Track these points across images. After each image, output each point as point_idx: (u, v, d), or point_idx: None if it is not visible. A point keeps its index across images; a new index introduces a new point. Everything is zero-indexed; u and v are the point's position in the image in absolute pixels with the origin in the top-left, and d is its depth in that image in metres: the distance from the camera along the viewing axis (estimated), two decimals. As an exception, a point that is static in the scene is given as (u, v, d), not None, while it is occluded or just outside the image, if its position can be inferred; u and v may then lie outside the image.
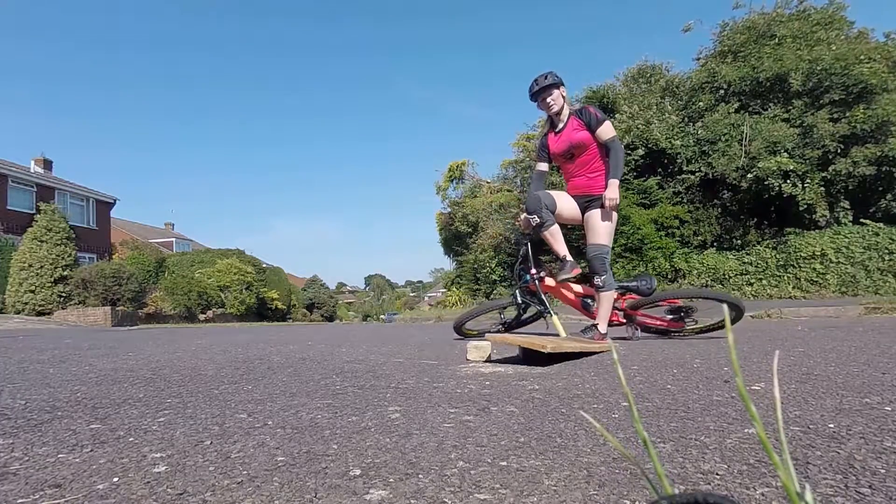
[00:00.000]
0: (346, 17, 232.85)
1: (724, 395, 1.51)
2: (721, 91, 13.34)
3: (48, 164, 24.10)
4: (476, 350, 2.51)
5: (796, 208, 11.69)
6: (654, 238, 12.64)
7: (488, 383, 1.86)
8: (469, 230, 18.01)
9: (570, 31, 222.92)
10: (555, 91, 3.21)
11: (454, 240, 20.27)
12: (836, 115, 11.51)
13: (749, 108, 12.77)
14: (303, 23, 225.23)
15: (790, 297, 10.79)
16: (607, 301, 3.21)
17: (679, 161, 13.03)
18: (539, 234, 3.24)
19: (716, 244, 13.17)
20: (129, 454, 1.04)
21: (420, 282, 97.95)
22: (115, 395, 1.75)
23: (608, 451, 1.00)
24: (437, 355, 2.88)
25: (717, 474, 0.87)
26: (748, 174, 11.83)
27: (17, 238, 17.58)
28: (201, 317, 20.56)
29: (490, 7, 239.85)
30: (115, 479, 0.89)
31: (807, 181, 11.41)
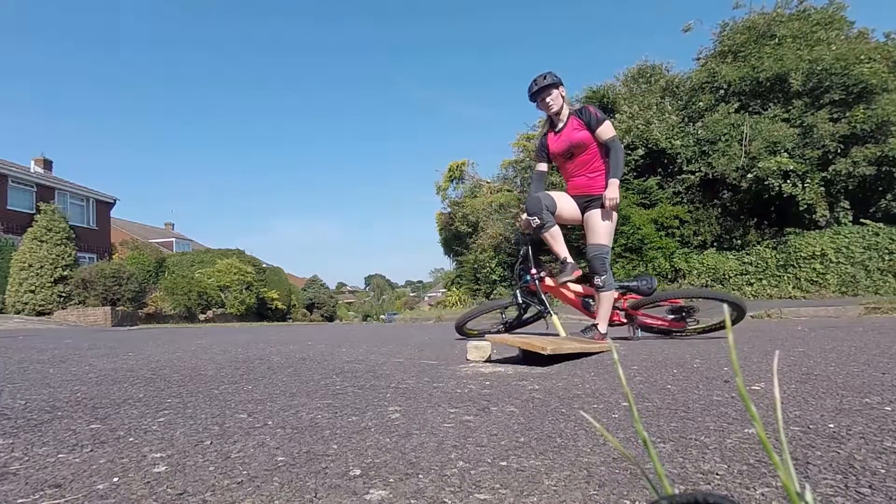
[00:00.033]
0: (346, 17, 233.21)
1: (724, 395, 1.51)
2: (721, 91, 13.34)
3: (48, 164, 24.11)
4: (476, 350, 2.51)
5: (796, 208, 11.69)
6: (654, 238, 12.64)
7: (488, 383, 1.86)
8: (469, 230, 18.01)
9: (570, 31, 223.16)
10: (554, 91, 3.20)
11: (454, 240, 20.27)
12: (836, 115, 11.51)
13: (749, 108, 12.77)
14: (303, 23, 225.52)
15: (790, 297, 10.79)
16: (607, 301, 3.21)
17: (679, 161, 13.03)
18: (539, 236, 3.24)
19: (716, 244, 13.17)
20: (129, 454, 1.04)
21: (420, 282, 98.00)
22: (115, 395, 1.75)
23: (608, 451, 1.00)
24: (437, 355, 2.88)
25: (717, 474, 0.87)
26: (748, 174, 11.83)
27: (17, 238, 17.58)
28: (201, 317, 20.57)
29: (490, 7, 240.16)
30: (115, 479, 0.89)
31: (807, 181, 11.41)
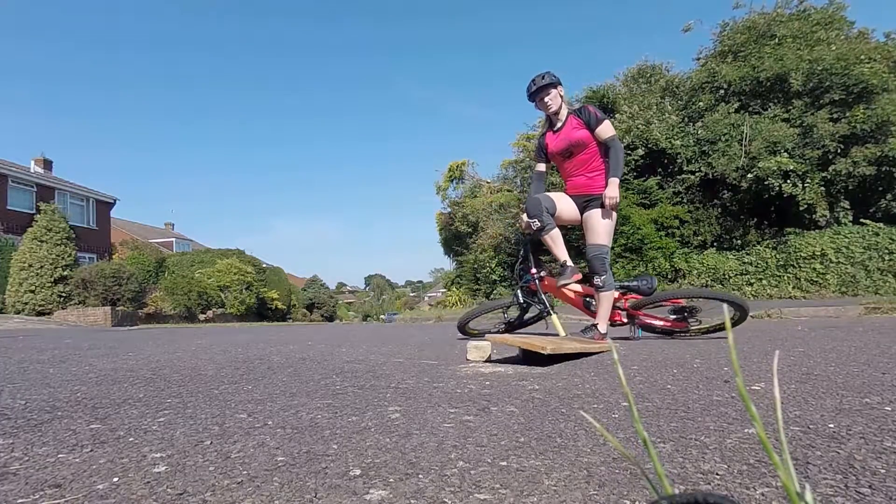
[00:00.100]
0: (346, 17, 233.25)
1: (724, 395, 1.51)
2: (721, 91, 13.34)
3: (48, 164, 24.12)
4: (476, 350, 2.51)
5: (796, 208, 11.69)
6: (654, 238, 12.64)
7: (488, 383, 1.86)
8: (469, 230, 18.01)
9: (570, 31, 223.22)
10: (552, 90, 3.20)
11: (454, 240, 20.28)
12: (836, 115, 11.51)
13: (749, 108, 12.77)
14: (303, 23, 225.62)
15: (790, 297, 10.79)
16: (607, 301, 3.20)
17: (679, 161, 13.03)
18: (539, 238, 3.23)
19: (716, 244, 13.17)
20: (129, 454, 1.04)
21: (420, 282, 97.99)
22: (115, 395, 1.75)
23: (608, 451, 1.00)
24: (437, 355, 2.88)
25: (717, 474, 0.87)
26: (748, 174, 11.83)
27: (17, 238, 17.58)
28: (201, 317, 20.56)
29: (490, 7, 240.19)
30: (115, 479, 0.89)
31: (807, 181, 11.41)
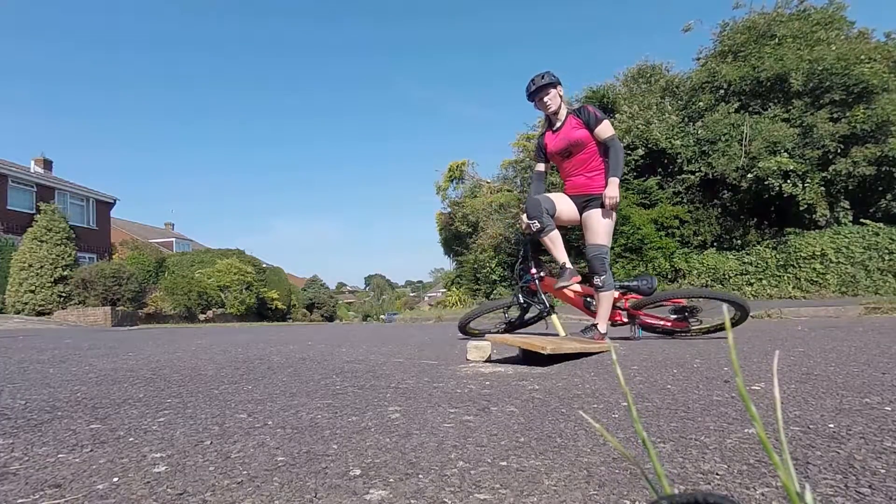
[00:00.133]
0: (346, 17, 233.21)
1: (724, 395, 1.51)
2: (721, 91, 13.34)
3: (48, 164, 24.12)
4: (476, 350, 2.51)
5: (796, 208, 11.69)
6: (654, 238, 12.64)
7: (488, 383, 1.86)
8: (469, 230, 18.01)
9: (570, 31, 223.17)
10: (552, 90, 3.20)
11: (454, 240, 20.28)
12: (836, 115, 11.51)
13: (749, 108, 12.77)
14: (303, 23, 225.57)
15: (790, 297, 10.79)
16: (607, 301, 3.20)
17: (679, 161, 13.03)
18: (538, 239, 3.23)
19: (716, 244, 13.17)
20: (129, 454, 1.04)
21: (420, 282, 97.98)
22: (115, 395, 1.75)
23: (608, 451, 1.00)
24: (437, 355, 2.88)
25: (717, 474, 0.87)
26: (748, 174, 11.83)
27: (17, 238, 17.58)
28: (201, 317, 20.56)
29: (490, 7, 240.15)
30: (115, 479, 0.89)
31: (807, 181, 11.41)
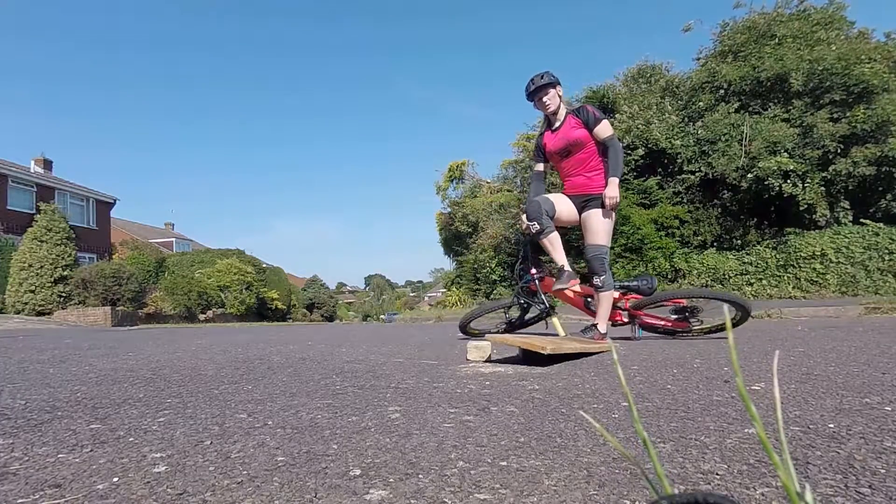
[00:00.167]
0: (346, 17, 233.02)
1: (724, 395, 1.51)
2: (721, 91, 13.33)
3: (48, 164, 24.12)
4: (476, 350, 2.51)
5: (796, 208, 11.69)
6: (654, 238, 12.64)
7: (488, 383, 1.86)
8: (469, 230, 18.01)
9: (570, 31, 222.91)
10: (551, 90, 3.21)
11: (454, 240, 20.28)
12: (837, 115, 11.51)
13: (749, 108, 12.77)
14: (303, 23, 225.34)
15: (790, 297, 10.79)
16: (606, 301, 3.20)
17: (679, 161, 13.03)
18: (538, 241, 3.23)
19: (716, 244, 13.17)
20: (129, 454, 1.04)
21: (420, 282, 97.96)
22: (115, 395, 1.75)
23: (608, 451, 1.00)
24: (437, 355, 2.88)
25: (717, 474, 0.87)
26: (748, 174, 11.83)
27: (17, 238, 17.58)
28: (201, 317, 20.56)
29: (490, 7, 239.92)
30: (115, 479, 0.89)
31: (807, 181, 11.41)
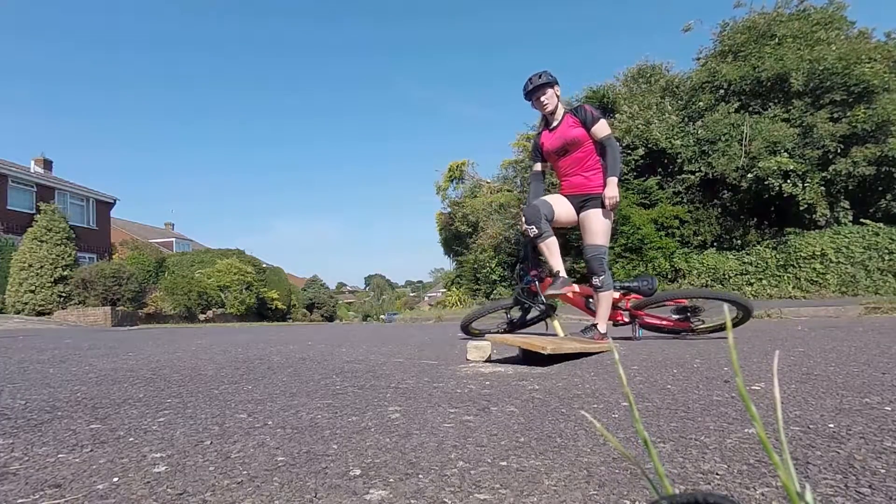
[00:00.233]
0: (346, 17, 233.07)
1: (725, 395, 1.51)
2: (721, 91, 13.33)
3: (48, 164, 24.12)
4: (476, 350, 2.51)
5: (796, 208, 11.69)
6: (654, 238, 12.64)
7: (488, 383, 1.86)
8: (469, 230, 18.01)
9: (570, 31, 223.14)
10: (549, 90, 3.21)
11: (454, 240, 20.29)
12: (837, 115, 11.50)
13: (749, 108, 12.76)
14: (303, 23, 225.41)
15: (790, 297, 10.79)
16: (606, 301, 3.20)
17: (679, 161, 13.03)
18: (535, 245, 3.22)
19: (716, 244, 13.16)
20: (129, 454, 1.04)
21: (420, 282, 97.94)
22: (115, 395, 1.75)
23: (608, 451, 1.00)
24: (437, 355, 2.88)
25: (717, 474, 0.87)
26: (748, 174, 11.82)
27: (17, 238, 17.57)
28: (201, 317, 20.56)
29: (490, 7, 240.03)
30: (115, 479, 0.89)
31: (807, 181, 11.40)
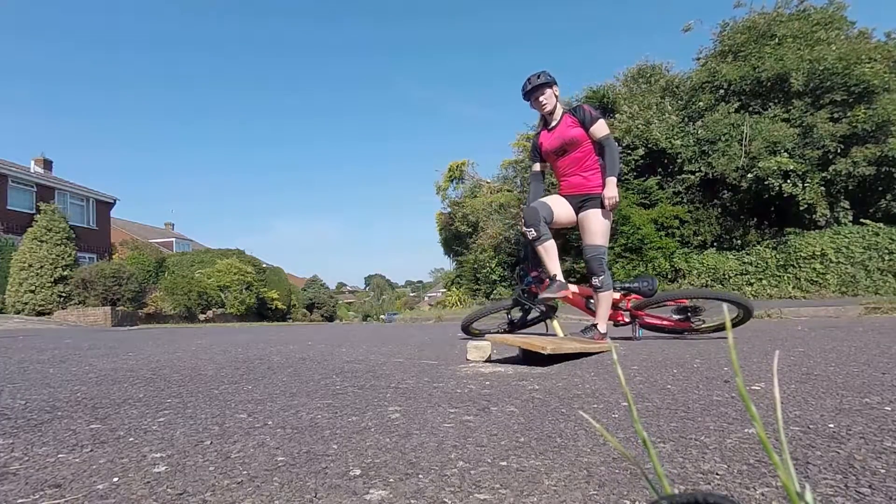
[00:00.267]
0: (346, 17, 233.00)
1: (724, 395, 1.51)
2: (721, 91, 13.33)
3: (48, 164, 24.12)
4: (476, 350, 2.51)
5: (796, 208, 11.69)
6: (654, 238, 12.64)
7: (488, 383, 1.86)
8: (469, 230, 18.02)
9: (570, 31, 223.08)
10: (547, 90, 3.21)
11: (454, 240, 20.29)
12: (837, 115, 11.50)
13: (749, 108, 12.76)
14: (303, 23, 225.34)
15: (790, 297, 10.79)
16: (606, 301, 3.20)
17: (679, 161, 13.03)
18: (533, 248, 3.22)
19: (716, 244, 13.16)
20: (129, 454, 1.04)
21: (420, 282, 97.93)
22: (115, 395, 1.75)
23: (608, 451, 1.00)
24: (437, 355, 2.88)
25: (717, 474, 0.87)
26: (748, 174, 11.82)
27: (17, 238, 17.57)
28: (201, 317, 20.56)
29: (490, 7, 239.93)
30: (115, 479, 0.89)
31: (807, 181, 11.40)
